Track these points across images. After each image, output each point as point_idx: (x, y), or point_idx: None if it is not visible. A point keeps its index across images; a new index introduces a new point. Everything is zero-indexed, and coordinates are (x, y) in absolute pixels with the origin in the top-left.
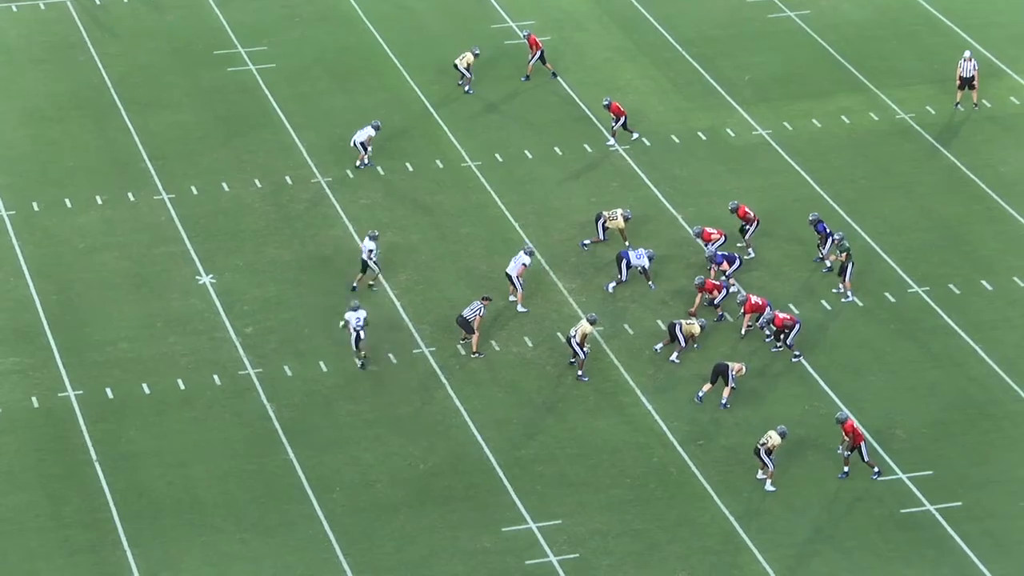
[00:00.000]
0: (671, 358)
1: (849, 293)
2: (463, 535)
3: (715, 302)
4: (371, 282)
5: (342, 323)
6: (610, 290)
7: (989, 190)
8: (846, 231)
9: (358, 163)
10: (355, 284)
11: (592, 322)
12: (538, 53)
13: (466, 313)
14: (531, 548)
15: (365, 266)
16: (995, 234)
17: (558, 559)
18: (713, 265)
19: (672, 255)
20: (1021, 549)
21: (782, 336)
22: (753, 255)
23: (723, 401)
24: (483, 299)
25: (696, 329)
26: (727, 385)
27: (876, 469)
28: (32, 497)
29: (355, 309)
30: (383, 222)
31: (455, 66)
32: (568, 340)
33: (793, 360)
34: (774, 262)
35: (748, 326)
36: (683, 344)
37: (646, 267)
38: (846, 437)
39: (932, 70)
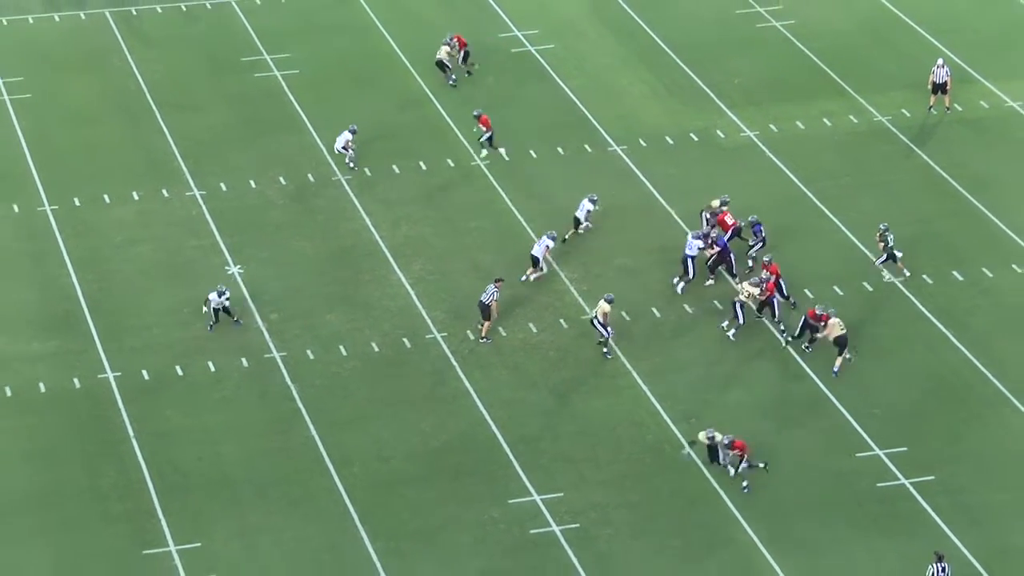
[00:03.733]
0: (729, 335)
1: (906, 273)
2: (472, 506)
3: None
4: (536, 275)
5: (204, 308)
6: (680, 291)
7: (960, 188)
8: (828, 225)
9: (351, 164)
10: (526, 277)
11: (609, 302)
12: (463, 53)
13: (483, 298)
14: (535, 518)
15: (536, 261)
16: (965, 228)
17: (560, 528)
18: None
19: (666, 246)
20: (989, 520)
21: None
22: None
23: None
24: (496, 282)
25: (754, 291)
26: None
27: (762, 464)
28: (73, 471)
29: (220, 294)
30: (398, 217)
31: (438, 64)
32: (592, 322)
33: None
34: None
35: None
36: (741, 321)
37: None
38: (733, 452)
39: (908, 76)
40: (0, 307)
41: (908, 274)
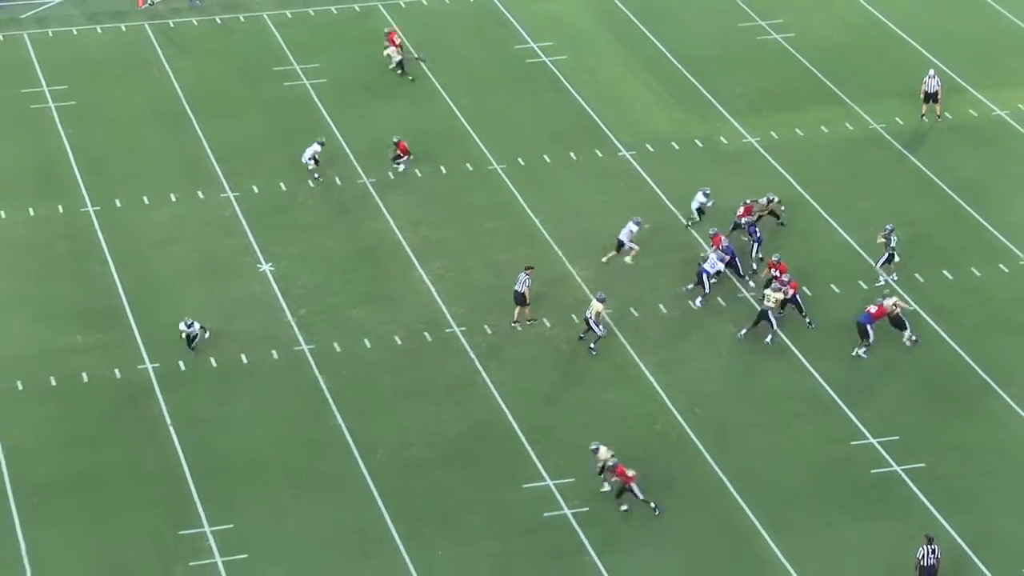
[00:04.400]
0: (767, 341)
1: (895, 276)
2: (488, 490)
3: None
4: (629, 255)
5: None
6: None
7: (950, 191)
8: (824, 227)
9: (316, 175)
10: (607, 258)
11: (601, 301)
12: (398, 57)
13: (518, 287)
14: (548, 502)
15: (621, 245)
16: (955, 230)
17: (572, 512)
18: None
19: (672, 246)
20: (975, 505)
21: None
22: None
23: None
24: (526, 269)
25: (779, 295)
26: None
27: (654, 506)
28: (114, 457)
29: (189, 325)
30: (419, 218)
31: (389, 56)
32: (585, 320)
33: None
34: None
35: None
36: (774, 326)
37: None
38: (615, 477)
39: (900, 86)
40: (45, 302)
41: (896, 277)
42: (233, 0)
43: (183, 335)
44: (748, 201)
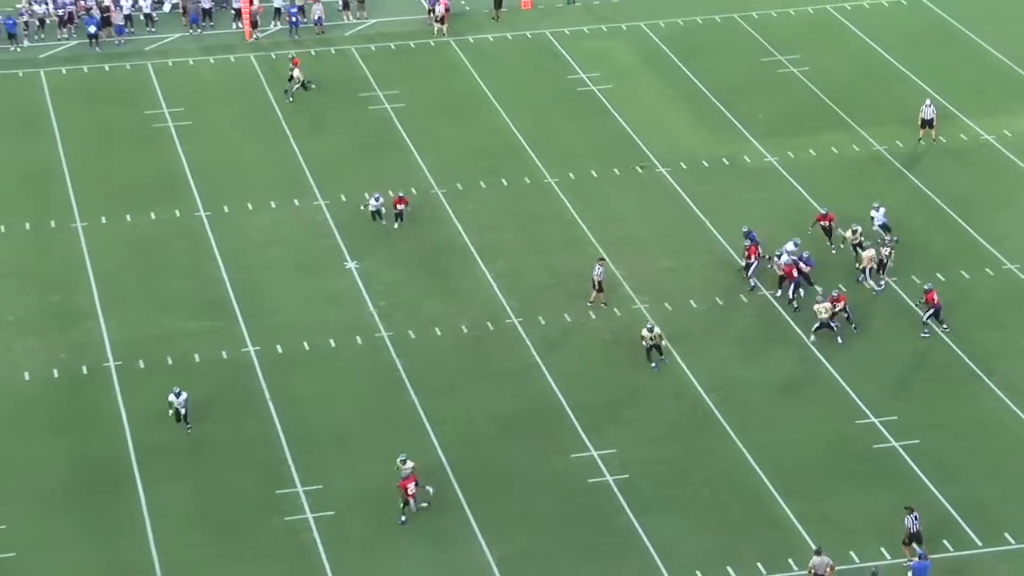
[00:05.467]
0: (838, 340)
1: (883, 283)
2: (541, 459)
3: (749, 272)
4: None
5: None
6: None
7: (943, 205)
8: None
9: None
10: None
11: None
12: (299, 81)
13: (595, 276)
14: (592, 470)
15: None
16: (947, 238)
17: (613, 479)
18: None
19: (702, 250)
20: (961, 475)
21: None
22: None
23: None
24: (599, 260)
25: (827, 304)
26: None
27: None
28: (221, 426)
29: (177, 395)
30: (482, 223)
31: (292, 79)
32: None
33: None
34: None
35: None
36: (836, 330)
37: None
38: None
39: (900, 114)
40: (164, 293)
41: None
42: (326, 36)
43: (171, 409)
44: (824, 211)
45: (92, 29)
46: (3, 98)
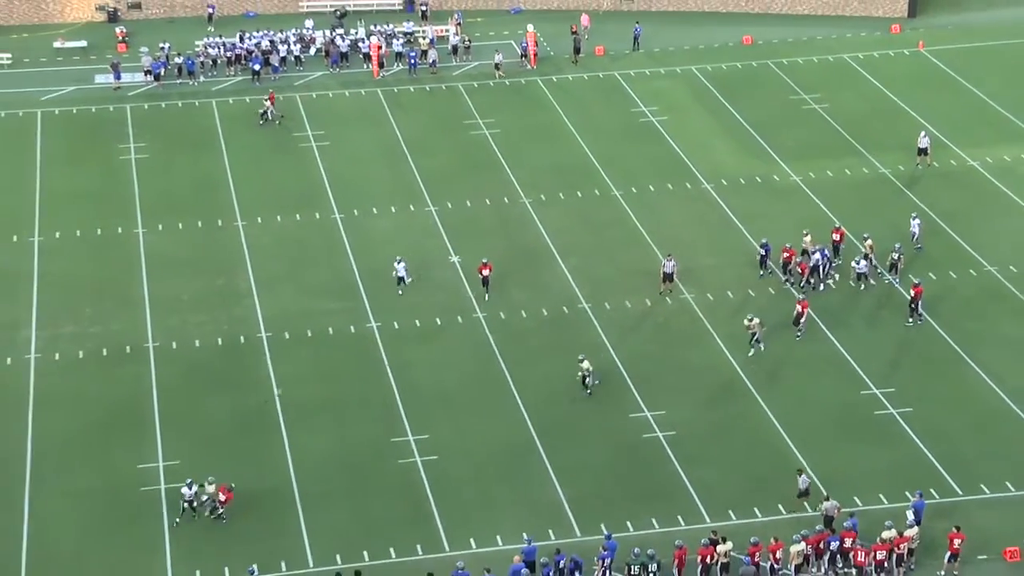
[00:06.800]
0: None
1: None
2: (603, 417)
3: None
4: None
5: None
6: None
7: (936, 218)
8: (846, 243)
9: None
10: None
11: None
12: (271, 108)
13: (666, 269)
14: (645, 427)
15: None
16: (939, 244)
17: (663, 434)
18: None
19: (737, 250)
20: (948, 437)
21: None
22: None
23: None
24: (668, 255)
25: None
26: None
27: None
28: (349, 387)
29: (190, 486)
30: (561, 227)
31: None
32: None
33: (920, 323)
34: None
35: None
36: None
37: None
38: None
39: (902, 143)
40: (305, 279)
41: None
42: (438, 75)
43: (183, 501)
44: (837, 224)
45: (256, 68)
46: (183, 122)
